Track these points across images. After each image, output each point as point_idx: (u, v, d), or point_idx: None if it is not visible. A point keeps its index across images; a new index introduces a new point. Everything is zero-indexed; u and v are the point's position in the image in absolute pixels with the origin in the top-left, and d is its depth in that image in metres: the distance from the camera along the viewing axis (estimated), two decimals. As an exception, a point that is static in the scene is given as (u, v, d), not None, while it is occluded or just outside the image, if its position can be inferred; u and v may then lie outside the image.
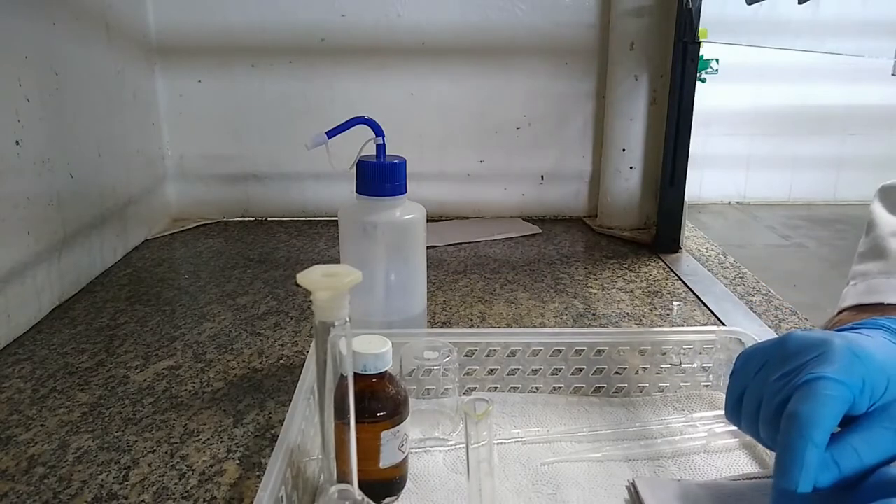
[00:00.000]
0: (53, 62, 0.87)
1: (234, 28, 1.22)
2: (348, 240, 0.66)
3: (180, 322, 0.83)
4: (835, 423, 0.39)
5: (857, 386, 0.39)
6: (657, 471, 0.52)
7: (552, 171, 1.33)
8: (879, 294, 0.52)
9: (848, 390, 0.39)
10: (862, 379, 0.39)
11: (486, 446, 0.44)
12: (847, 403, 0.39)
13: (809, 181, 4.32)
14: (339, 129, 0.62)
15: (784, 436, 0.39)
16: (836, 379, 0.39)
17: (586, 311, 0.87)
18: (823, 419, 0.38)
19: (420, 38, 1.24)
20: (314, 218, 1.32)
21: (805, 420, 0.38)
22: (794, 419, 0.39)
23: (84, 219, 0.95)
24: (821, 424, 0.38)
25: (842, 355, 0.40)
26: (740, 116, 4.12)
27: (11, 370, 0.71)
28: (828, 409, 0.38)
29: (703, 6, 1.01)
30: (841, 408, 0.39)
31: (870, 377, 0.39)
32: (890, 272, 0.53)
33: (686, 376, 0.63)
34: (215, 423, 0.61)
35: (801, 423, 0.38)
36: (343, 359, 0.37)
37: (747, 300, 0.91)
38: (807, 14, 0.97)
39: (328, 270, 0.36)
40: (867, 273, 0.55)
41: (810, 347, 0.41)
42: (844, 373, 0.39)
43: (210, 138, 1.27)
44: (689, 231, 1.21)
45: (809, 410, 0.38)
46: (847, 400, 0.39)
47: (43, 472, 0.54)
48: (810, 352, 0.41)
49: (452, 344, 0.58)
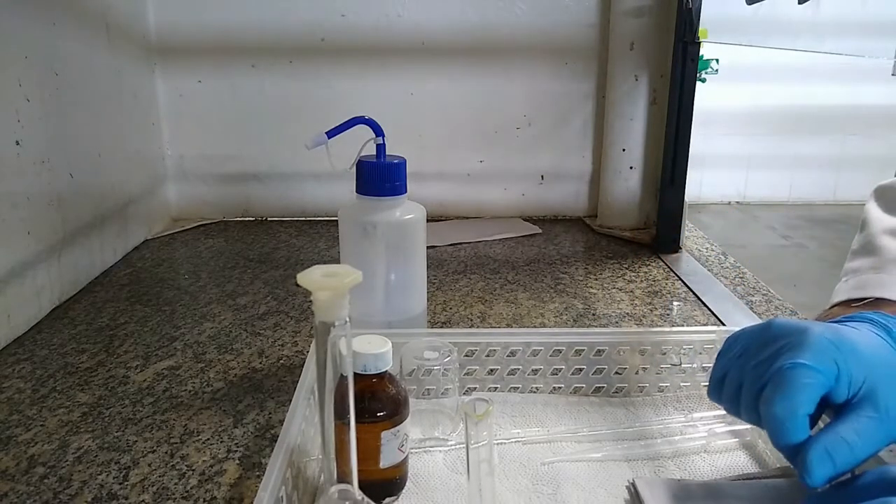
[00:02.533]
0: (53, 62, 0.87)
1: (234, 28, 1.22)
2: (348, 240, 0.66)
3: (180, 322, 0.83)
4: (810, 409, 0.40)
5: (831, 372, 0.40)
6: (657, 471, 0.52)
7: (552, 171, 1.33)
8: (869, 289, 0.53)
9: (822, 376, 0.40)
10: (836, 365, 0.40)
11: (486, 446, 0.44)
12: (822, 388, 0.40)
13: (809, 181, 4.32)
14: (339, 129, 0.62)
15: (766, 422, 0.41)
16: (809, 365, 0.40)
17: (586, 311, 0.87)
18: (800, 405, 0.39)
19: (420, 38, 1.24)
20: (314, 218, 1.32)
21: (781, 407, 0.40)
22: (770, 406, 0.40)
23: (84, 219, 0.95)
24: (797, 411, 0.39)
25: (817, 342, 0.41)
26: (740, 116, 4.12)
27: (11, 370, 0.71)
28: (804, 395, 0.39)
29: (703, 6, 1.01)
30: (815, 393, 0.40)
31: (846, 365, 0.40)
32: (880, 268, 0.54)
33: (686, 376, 0.63)
34: (215, 423, 0.61)
35: (777, 410, 0.40)
36: (343, 359, 0.37)
37: (747, 300, 0.91)
38: (807, 14, 0.97)
39: (328, 270, 0.36)
40: (858, 269, 0.56)
41: (788, 334, 0.43)
42: (818, 359, 0.40)
43: (210, 138, 1.27)
44: (689, 231, 1.21)
45: (784, 397, 0.40)
46: (822, 385, 0.40)
47: (43, 472, 0.54)
48: (787, 338, 0.42)
49: (452, 344, 0.58)
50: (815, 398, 0.40)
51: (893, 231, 0.56)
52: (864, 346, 0.42)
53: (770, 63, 3.90)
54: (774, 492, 0.49)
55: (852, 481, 0.39)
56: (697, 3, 1.01)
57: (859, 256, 0.57)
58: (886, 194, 0.61)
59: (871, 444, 0.39)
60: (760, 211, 4.22)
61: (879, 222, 0.58)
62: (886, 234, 0.57)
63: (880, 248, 0.56)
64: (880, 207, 0.60)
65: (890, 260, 0.54)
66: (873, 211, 0.60)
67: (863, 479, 0.38)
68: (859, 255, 0.58)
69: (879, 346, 0.43)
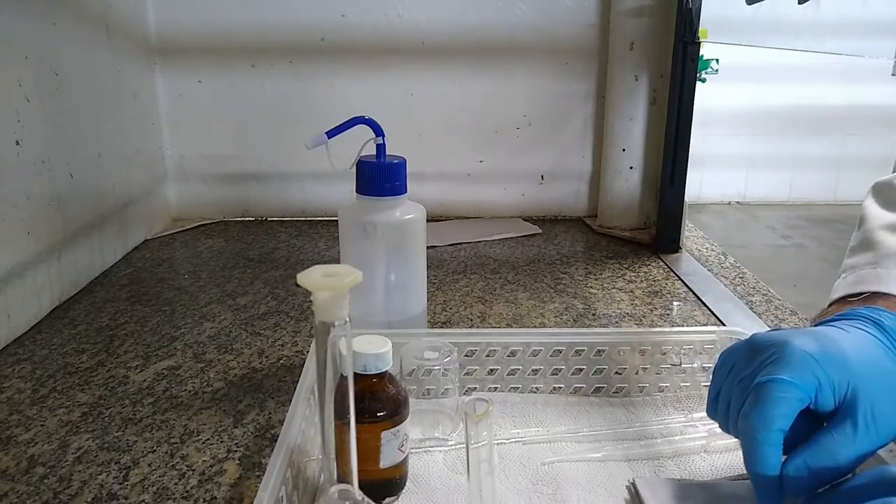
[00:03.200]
0: (53, 62, 0.87)
1: (234, 28, 1.22)
2: (348, 240, 0.66)
3: (180, 322, 0.83)
4: (787, 423, 0.40)
5: (810, 384, 0.40)
6: (657, 471, 0.52)
7: (552, 171, 1.33)
8: (866, 284, 0.54)
9: (800, 390, 0.40)
10: (816, 378, 0.40)
11: (486, 446, 0.44)
12: (800, 402, 0.40)
13: (809, 181, 4.32)
14: (339, 129, 0.62)
15: (741, 437, 0.42)
16: (787, 380, 0.40)
17: (586, 311, 0.87)
18: (773, 420, 0.40)
19: (420, 38, 1.24)
20: (314, 218, 1.32)
21: (755, 422, 0.40)
22: (746, 421, 0.41)
23: (84, 219, 0.95)
24: (770, 426, 0.40)
25: (795, 356, 0.41)
26: (740, 116, 4.11)
27: (11, 370, 0.71)
28: (778, 409, 0.40)
29: (703, 6, 1.01)
30: (791, 407, 0.40)
31: (827, 375, 0.40)
32: (877, 263, 0.55)
33: (686, 376, 0.63)
34: (215, 423, 0.61)
35: (751, 425, 0.40)
36: (343, 359, 0.37)
37: (747, 300, 0.91)
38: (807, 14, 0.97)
39: (328, 270, 0.36)
40: (856, 265, 0.56)
41: (768, 348, 0.43)
42: (795, 373, 0.40)
43: (210, 138, 1.27)
44: (689, 231, 1.21)
45: (759, 412, 0.40)
46: (799, 399, 0.40)
47: (43, 472, 0.54)
48: (767, 353, 0.43)
49: (452, 344, 0.58)
50: (790, 412, 0.40)
51: (890, 227, 0.57)
52: (851, 350, 0.42)
53: (770, 63, 3.90)
54: (774, 492, 0.49)
55: (852, 481, 0.39)
56: (697, 3, 1.01)
57: (857, 253, 0.58)
58: (884, 191, 0.61)
59: (853, 449, 0.40)
60: (760, 211, 4.22)
61: (877, 218, 0.59)
62: (883, 229, 0.57)
63: (877, 244, 0.56)
64: (878, 204, 0.60)
65: (887, 255, 0.54)
66: (871, 207, 0.61)
67: (862, 479, 0.38)
68: (857, 251, 0.58)
69: (868, 346, 0.43)
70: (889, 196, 0.60)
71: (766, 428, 0.40)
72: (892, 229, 0.57)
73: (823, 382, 0.40)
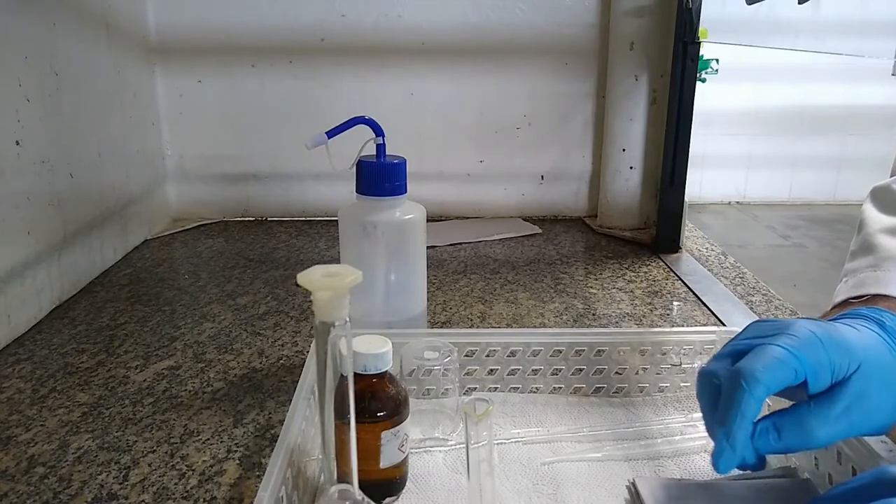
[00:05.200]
0: (53, 62, 0.87)
1: (234, 28, 1.22)
2: (348, 240, 0.66)
3: (180, 322, 0.83)
4: (776, 386, 0.39)
5: (809, 362, 0.40)
6: (657, 471, 0.52)
7: (552, 171, 1.33)
8: (866, 287, 0.54)
9: (798, 361, 0.39)
10: (817, 357, 0.40)
11: (486, 446, 0.44)
12: (796, 374, 0.39)
13: (809, 181, 4.32)
14: (339, 129, 0.62)
15: (724, 384, 0.41)
16: (788, 349, 0.40)
17: (586, 311, 0.87)
18: (763, 374, 0.39)
19: (420, 38, 1.24)
20: (314, 218, 1.32)
21: (744, 371, 0.39)
22: (736, 371, 0.40)
23: (84, 219, 0.95)
24: (759, 378, 0.39)
25: (801, 333, 0.41)
26: (740, 116, 4.11)
27: (11, 370, 0.71)
28: (771, 371, 0.39)
29: (703, 6, 1.01)
30: (786, 373, 0.39)
31: (829, 356, 0.40)
32: (877, 265, 0.55)
33: (686, 376, 0.63)
34: (215, 423, 0.61)
35: (739, 372, 0.40)
36: (343, 359, 0.37)
37: (747, 300, 0.91)
38: (807, 14, 0.97)
39: (328, 270, 0.37)
40: (856, 269, 0.57)
41: (772, 324, 0.43)
42: (799, 348, 0.40)
43: (210, 138, 1.27)
44: (689, 231, 1.21)
45: (751, 366, 0.39)
46: (796, 370, 0.39)
47: (43, 472, 0.54)
48: (771, 328, 0.42)
49: (452, 344, 0.58)
50: (783, 378, 0.39)
51: (889, 230, 0.58)
52: (853, 337, 0.42)
53: (770, 63, 3.90)
54: (774, 492, 0.49)
55: (852, 481, 0.39)
56: (697, 3, 1.01)
57: (857, 257, 0.58)
58: (881, 195, 0.62)
59: (828, 424, 0.39)
60: (760, 211, 4.22)
61: (876, 222, 0.60)
62: (883, 233, 0.58)
63: (877, 247, 0.57)
64: (876, 208, 0.62)
65: (886, 257, 0.55)
66: (869, 211, 0.62)
67: (862, 480, 0.38)
68: (857, 255, 0.59)
69: (871, 340, 0.43)
70: (886, 200, 0.61)
71: (753, 380, 0.39)
72: (890, 232, 0.58)
73: (823, 362, 0.40)
